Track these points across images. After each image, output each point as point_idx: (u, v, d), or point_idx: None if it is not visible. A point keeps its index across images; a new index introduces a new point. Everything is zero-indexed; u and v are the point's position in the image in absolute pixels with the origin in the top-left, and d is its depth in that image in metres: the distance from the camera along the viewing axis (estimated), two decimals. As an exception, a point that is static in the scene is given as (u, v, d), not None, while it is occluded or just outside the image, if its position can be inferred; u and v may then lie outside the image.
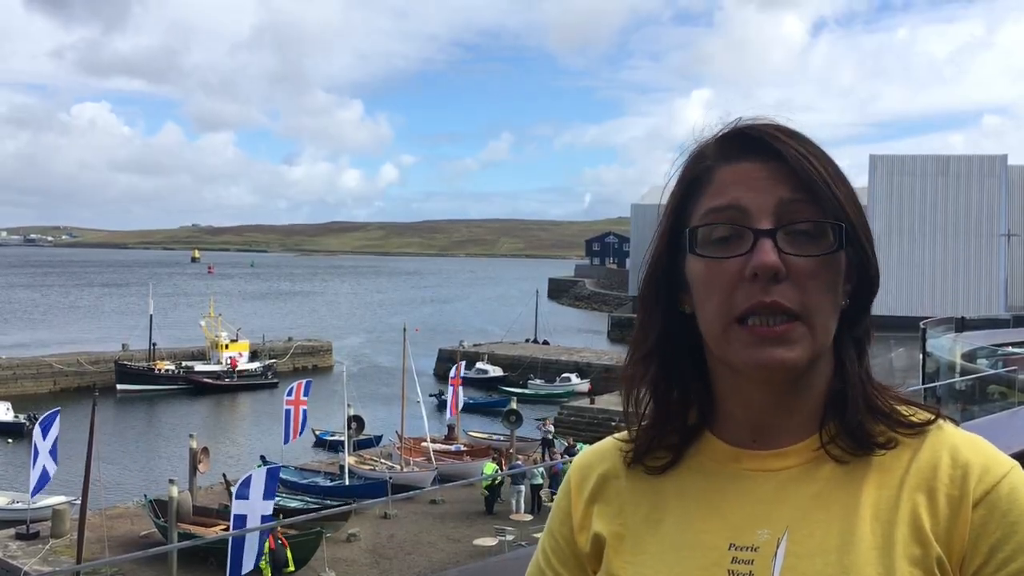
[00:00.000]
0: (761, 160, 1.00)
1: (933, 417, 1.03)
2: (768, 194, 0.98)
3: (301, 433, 29.33)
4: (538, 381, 50.77)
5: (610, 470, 1.13)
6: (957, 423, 1.05)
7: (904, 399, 1.06)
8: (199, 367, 53.44)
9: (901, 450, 1.01)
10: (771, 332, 0.96)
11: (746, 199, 0.98)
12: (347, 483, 27.27)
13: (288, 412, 28.66)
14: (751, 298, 0.96)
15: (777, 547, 0.98)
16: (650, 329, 1.09)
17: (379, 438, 34.14)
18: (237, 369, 53.43)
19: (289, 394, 28.94)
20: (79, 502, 20.86)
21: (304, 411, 28.86)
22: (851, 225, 0.99)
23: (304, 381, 30.35)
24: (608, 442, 1.17)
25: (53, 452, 22.22)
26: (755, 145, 1.00)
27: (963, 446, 1.00)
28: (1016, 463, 1.00)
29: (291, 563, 19.12)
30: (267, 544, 18.31)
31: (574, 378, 49.49)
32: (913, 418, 1.03)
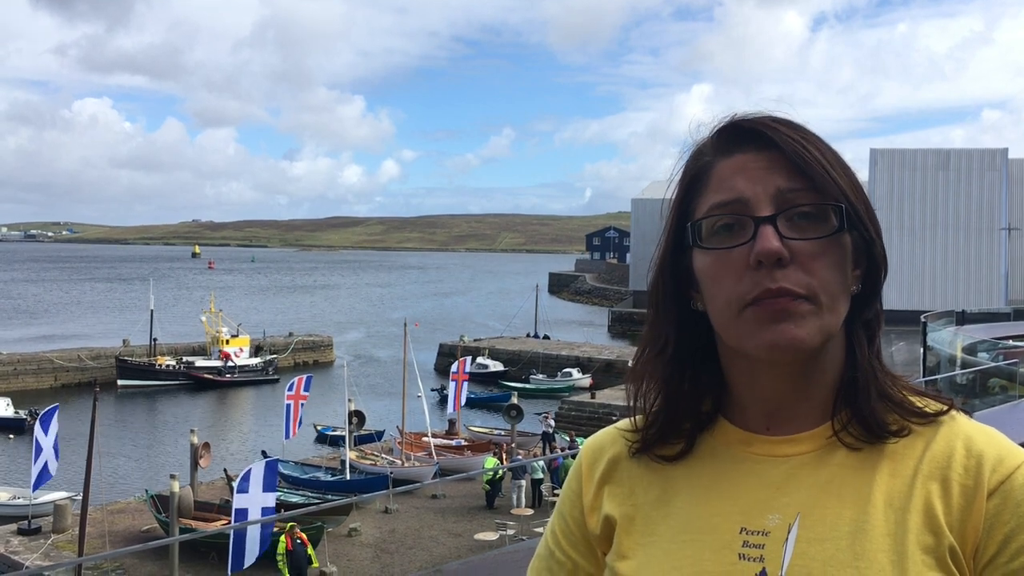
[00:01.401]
0: (757, 150, 1.01)
1: (946, 407, 1.03)
2: (766, 182, 0.99)
3: (299, 427, 29.42)
4: (540, 376, 50.78)
5: (621, 453, 1.13)
6: (970, 414, 1.05)
7: (917, 390, 1.06)
8: (200, 362, 53.49)
9: (915, 439, 1.01)
10: (779, 304, 0.96)
11: (746, 190, 0.99)
12: (348, 478, 27.29)
13: (289, 407, 28.76)
14: (758, 286, 0.97)
15: (788, 532, 0.98)
16: (662, 327, 1.09)
17: (380, 433, 34.19)
18: (237, 364, 53.46)
19: (290, 389, 29.02)
20: (80, 497, 20.89)
21: (302, 406, 28.99)
22: (851, 206, 0.99)
23: (304, 376, 30.37)
24: (612, 430, 1.17)
25: (55, 448, 22.24)
26: (751, 136, 1.02)
27: (977, 436, 1.00)
28: None
29: (315, 560, 18.76)
30: (283, 544, 18.16)
31: (575, 373, 49.50)
32: (926, 408, 1.03)
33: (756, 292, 0.97)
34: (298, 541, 18.35)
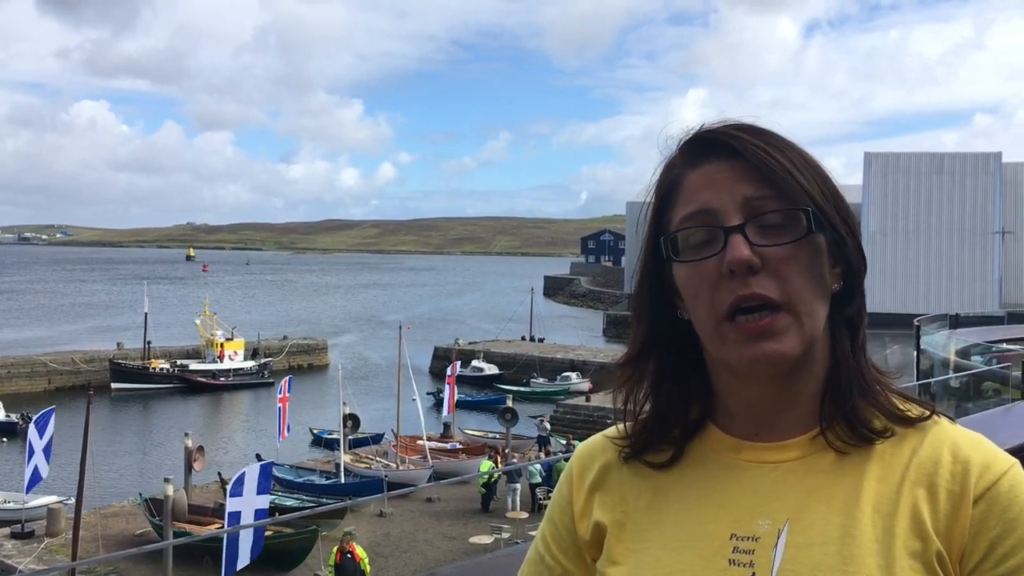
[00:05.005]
0: (723, 160, 1.02)
1: (928, 413, 1.04)
2: (733, 191, 1.00)
3: (288, 430, 29.59)
4: (541, 380, 50.67)
5: (612, 460, 1.14)
6: (953, 419, 1.06)
7: (901, 392, 1.07)
8: (194, 366, 53.36)
9: (902, 444, 1.02)
10: (757, 326, 0.98)
11: (713, 200, 1.01)
12: (343, 481, 27.26)
13: (280, 410, 29.20)
14: (732, 293, 0.98)
15: (778, 537, 0.99)
16: (644, 335, 1.11)
17: (379, 436, 34.21)
18: (232, 368, 53.35)
19: (280, 392, 29.47)
20: (72, 501, 20.83)
21: (285, 407, 29.34)
22: (818, 207, 1.00)
23: (287, 378, 31.18)
24: (601, 438, 1.18)
25: (47, 452, 22.17)
26: (716, 147, 1.03)
27: (964, 443, 1.01)
28: (1016, 461, 1.01)
29: None
30: (333, 556, 17.94)
31: (574, 377, 49.32)
32: (908, 412, 1.04)
33: (730, 300, 0.98)
34: (348, 555, 17.77)
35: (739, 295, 0.98)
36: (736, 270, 0.97)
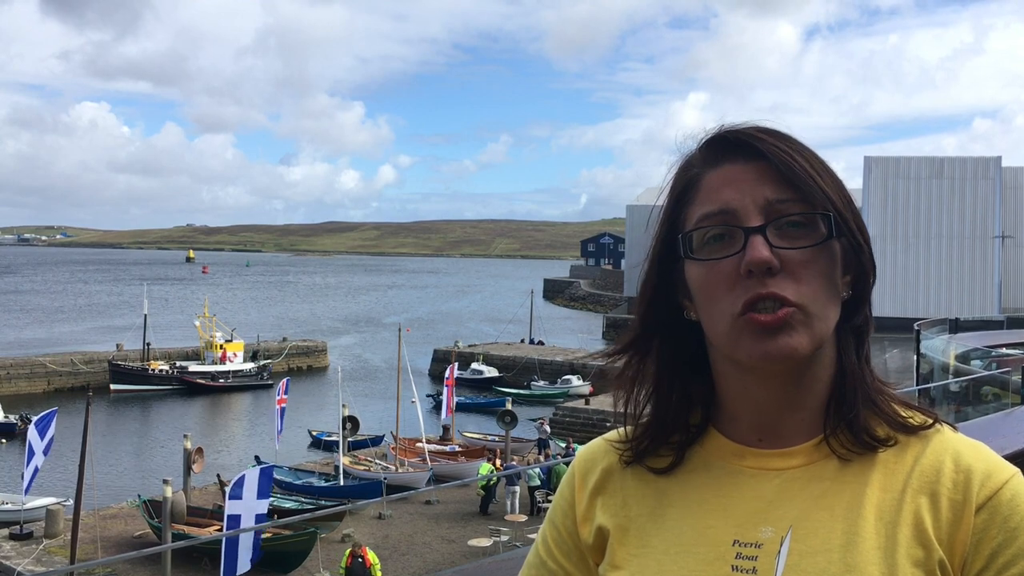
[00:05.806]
0: (745, 161, 1.02)
1: (931, 421, 1.05)
2: (755, 193, 1.01)
3: (280, 431, 29.68)
4: (541, 382, 50.61)
5: (614, 464, 1.14)
6: (955, 427, 1.06)
7: (904, 401, 1.07)
8: (193, 367, 53.32)
9: (904, 452, 1.03)
10: (773, 319, 0.98)
11: (734, 201, 1.01)
12: (342, 483, 27.25)
13: (277, 412, 29.29)
14: (749, 291, 0.98)
15: (781, 545, 0.99)
16: (647, 335, 1.11)
17: (378, 439, 34.17)
18: (231, 369, 53.32)
19: (279, 394, 29.47)
20: (70, 503, 20.81)
21: (283, 409, 29.42)
22: (839, 214, 1.01)
23: (285, 380, 31.32)
24: (602, 442, 1.18)
25: (46, 452, 22.15)
26: (738, 147, 1.03)
27: (966, 451, 1.02)
28: (1017, 470, 1.01)
29: None
30: (344, 559, 17.92)
31: (575, 380, 49.28)
32: (911, 420, 1.04)
33: (747, 297, 0.98)
34: (359, 559, 17.76)
35: (756, 293, 0.98)
36: (755, 271, 0.98)
